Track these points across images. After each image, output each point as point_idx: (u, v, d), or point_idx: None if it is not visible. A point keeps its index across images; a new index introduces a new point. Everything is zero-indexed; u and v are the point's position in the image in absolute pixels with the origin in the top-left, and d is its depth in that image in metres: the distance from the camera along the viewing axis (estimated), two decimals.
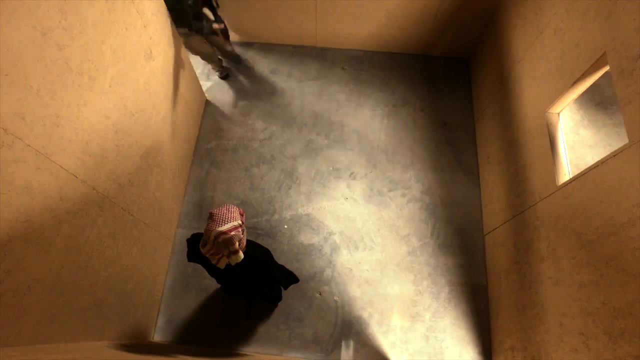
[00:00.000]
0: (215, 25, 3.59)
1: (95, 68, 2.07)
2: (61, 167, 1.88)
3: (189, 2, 3.17)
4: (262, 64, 4.23)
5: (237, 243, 1.98)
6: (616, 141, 3.62)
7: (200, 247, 2.02)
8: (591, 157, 3.56)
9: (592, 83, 2.33)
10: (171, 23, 3.00)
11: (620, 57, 1.91)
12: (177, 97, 3.23)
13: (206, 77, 4.19)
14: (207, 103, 4.05)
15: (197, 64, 4.13)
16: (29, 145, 1.66)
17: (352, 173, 3.76)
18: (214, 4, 3.56)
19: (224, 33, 3.78)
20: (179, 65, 3.21)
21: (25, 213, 1.69)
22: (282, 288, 2.93)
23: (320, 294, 3.30)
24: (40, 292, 1.82)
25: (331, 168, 3.78)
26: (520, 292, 2.78)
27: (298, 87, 4.12)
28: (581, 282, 2.14)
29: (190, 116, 3.62)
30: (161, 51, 2.86)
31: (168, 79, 3.02)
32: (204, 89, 4.07)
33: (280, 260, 3.39)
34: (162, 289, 3.25)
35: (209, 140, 3.88)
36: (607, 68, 2.09)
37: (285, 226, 3.54)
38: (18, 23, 1.54)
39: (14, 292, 1.67)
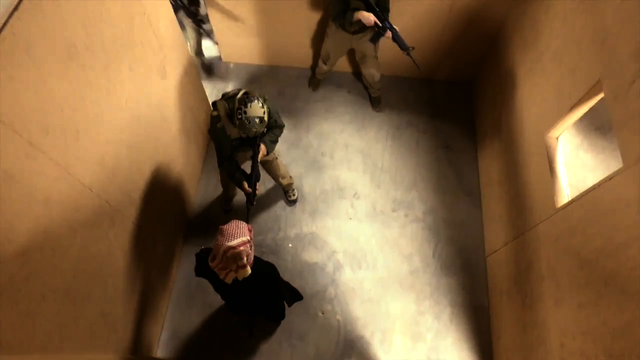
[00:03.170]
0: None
1: (113, 85, 2.18)
2: (78, 179, 1.96)
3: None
4: (269, 85, 4.35)
5: (245, 258, 2.03)
6: (615, 164, 3.69)
7: (209, 261, 2.08)
8: (592, 179, 3.63)
9: (589, 108, 2.42)
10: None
11: (615, 83, 2.01)
12: (188, 115, 3.34)
13: (217, 96, 4.31)
14: None
15: (207, 82, 4.26)
16: (51, 158, 1.75)
17: (356, 193, 3.83)
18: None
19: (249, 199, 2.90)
20: (190, 85, 3.33)
21: (43, 223, 1.76)
22: (285, 305, 2.96)
23: (322, 313, 3.32)
24: (53, 300, 1.87)
25: (335, 187, 3.85)
26: (521, 313, 2.80)
27: (304, 109, 4.23)
28: (581, 302, 2.17)
29: (199, 133, 3.72)
30: (174, 71, 2.98)
31: (180, 97, 3.14)
32: None
33: (284, 278, 3.41)
34: (167, 303, 3.28)
35: None
36: (602, 94, 2.18)
37: (290, 244, 3.59)
38: (48, 43, 1.65)
39: (29, 299, 1.72)
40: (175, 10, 3.67)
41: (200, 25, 4.14)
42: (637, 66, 1.86)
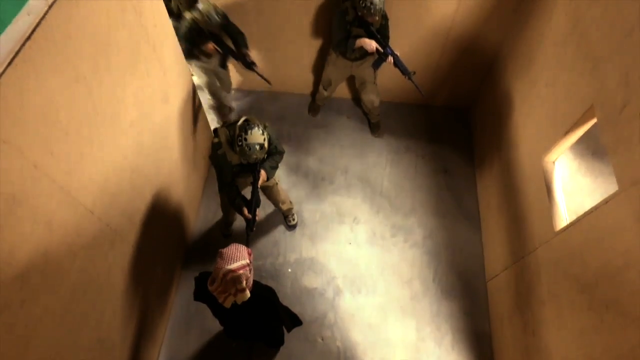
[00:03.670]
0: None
1: (117, 109, 2.23)
2: (80, 202, 1.98)
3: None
4: (269, 111, 4.43)
5: (244, 282, 2.03)
6: (612, 188, 3.71)
7: (209, 284, 2.07)
8: (590, 204, 3.63)
9: (583, 133, 2.46)
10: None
11: (606, 109, 2.06)
12: (189, 140, 3.39)
13: (217, 124, 4.39)
14: None
15: (209, 109, 4.33)
16: (54, 181, 1.77)
17: (355, 218, 3.84)
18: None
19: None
20: (193, 111, 3.40)
21: (44, 246, 1.77)
22: (284, 331, 2.92)
23: (322, 339, 3.27)
24: (50, 324, 1.85)
25: (335, 212, 3.86)
26: (523, 338, 2.76)
27: (304, 134, 4.30)
28: (583, 327, 2.15)
29: (201, 159, 3.77)
30: (177, 97, 3.05)
31: (182, 123, 3.19)
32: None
33: (283, 303, 3.38)
34: (164, 328, 3.23)
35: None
36: (595, 119, 2.23)
37: (289, 269, 3.58)
38: (57, 69, 1.71)
39: (26, 323, 1.71)
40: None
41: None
42: (626, 92, 1.92)
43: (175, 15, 3.57)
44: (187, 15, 3.13)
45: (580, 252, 2.21)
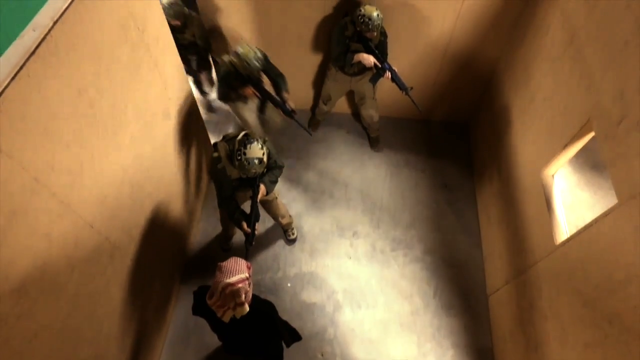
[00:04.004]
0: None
1: (119, 124, 2.25)
2: (80, 216, 1.98)
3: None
4: None
5: (243, 295, 2.02)
6: (612, 202, 3.72)
7: (207, 298, 2.06)
8: (590, 218, 3.63)
9: (582, 146, 2.48)
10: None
11: (604, 123, 2.07)
12: (190, 155, 3.41)
13: (218, 138, 4.40)
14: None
15: (209, 123, 4.36)
16: (54, 194, 1.78)
17: (355, 232, 3.83)
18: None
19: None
20: (193, 126, 3.42)
21: (43, 259, 1.76)
22: (284, 346, 2.88)
23: (322, 355, 3.22)
24: (46, 339, 1.83)
25: (335, 226, 3.85)
26: (525, 355, 2.72)
27: (304, 148, 4.32)
28: (587, 342, 2.13)
29: (201, 173, 3.78)
30: (178, 112, 3.08)
31: (183, 138, 3.21)
32: None
33: (283, 318, 3.34)
34: (162, 343, 3.19)
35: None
36: (593, 133, 2.25)
37: (289, 284, 3.55)
38: (60, 84, 1.73)
39: (22, 337, 1.69)
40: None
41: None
42: (622, 106, 1.94)
43: (185, 46, 3.59)
44: (225, 58, 3.10)
45: (581, 266, 2.20)
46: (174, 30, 3.22)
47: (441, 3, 3.33)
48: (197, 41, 3.71)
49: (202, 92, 4.45)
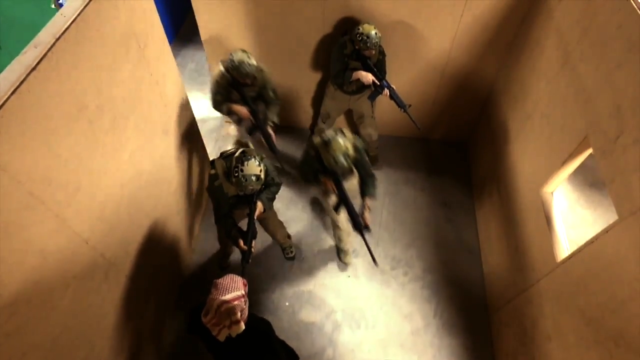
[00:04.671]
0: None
1: (118, 140, 2.25)
2: (76, 232, 1.96)
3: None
4: None
5: (239, 313, 1.98)
6: (613, 219, 3.71)
7: (202, 316, 2.02)
8: (591, 235, 3.61)
9: (580, 163, 2.48)
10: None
11: (601, 139, 2.08)
12: (188, 172, 3.41)
13: (217, 155, 4.42)
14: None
15: (209, 141, 4.38)
16: (50, 209, 1.76)
17: (354, 250, 3.79)
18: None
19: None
20: (192, 143, 3.43)
21: (36, 275, 1.73)
22: None
23: None
24: (35, 359, 1.79)
25: (333, 245, 3.82)
26: None
27: None
28: None
29: (199, 189, 3.77)
30: (177, 129, 3.09)
31: (182, 155, 3.22)
32: None
33: (280, 337, 3.28)
34: None
35: None
36: (591, 150, 2.25)
37: (287, 303, 3.49)
38: (60, 100, 1.74)
39: (8, 357, 1.64)
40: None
41: None
42: (619, 122, 1.94)
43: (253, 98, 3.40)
44: (222, 64, 3.12)
45: (583, 283, 2.17)
46: (240, 84, 3.21)
47: (438, 23, 3.39)
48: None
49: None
